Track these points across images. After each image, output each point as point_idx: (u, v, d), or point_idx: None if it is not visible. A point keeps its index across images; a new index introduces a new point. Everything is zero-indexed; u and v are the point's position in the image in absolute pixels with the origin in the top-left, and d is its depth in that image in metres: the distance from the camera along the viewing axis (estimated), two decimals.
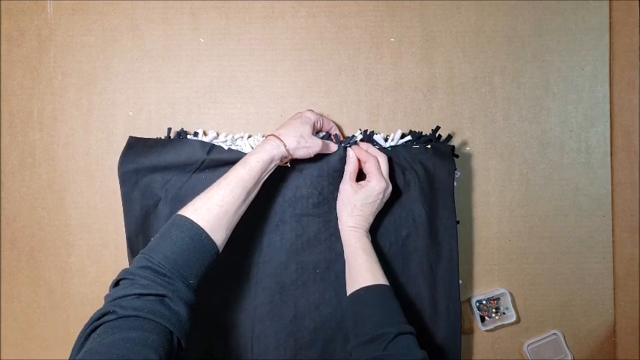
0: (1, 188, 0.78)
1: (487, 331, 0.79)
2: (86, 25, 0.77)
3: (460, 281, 0.74)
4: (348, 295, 0.66)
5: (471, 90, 0.79)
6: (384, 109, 0.79)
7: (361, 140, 0.75)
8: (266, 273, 0.73)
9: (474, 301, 0.78)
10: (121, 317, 0.48)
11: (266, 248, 0.73)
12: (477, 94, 0.79)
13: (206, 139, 0.74)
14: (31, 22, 0.77)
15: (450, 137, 0.76)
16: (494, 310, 0.78)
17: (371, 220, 0.69)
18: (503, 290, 0.79)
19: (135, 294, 0.51)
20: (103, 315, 0.49)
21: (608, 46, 0.79)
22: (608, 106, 0.80)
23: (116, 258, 0.78)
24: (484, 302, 0.78)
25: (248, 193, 0.61)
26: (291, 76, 0.78)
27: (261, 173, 0.63)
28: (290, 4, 0.78)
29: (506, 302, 0.79)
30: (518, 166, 0.80)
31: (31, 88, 0.78)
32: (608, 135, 0.80)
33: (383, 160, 0.70)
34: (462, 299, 0.76)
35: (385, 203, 0.73)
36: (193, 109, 0.78)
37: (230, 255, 0.73)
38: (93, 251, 0.78)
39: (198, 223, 0.56)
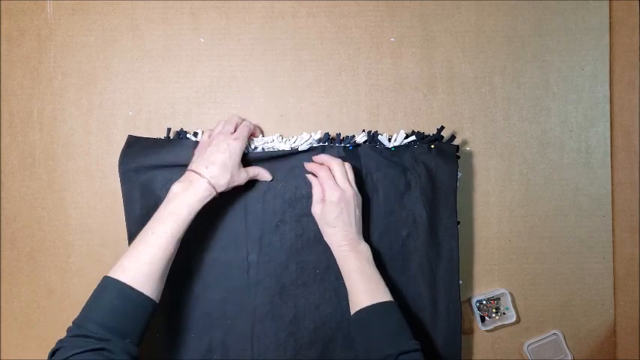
0: (1, 188, 0.78)
1: (487, 331, 0.79)
2: (86, 25, 0.77)
3: (460, 281, 0.74)
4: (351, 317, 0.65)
5: (471, 90, 0.79)
6: (384, 109, 0.79)
7: (364, 142, 0.75)
8: (266, 273, 0.73)
9: (474, 301, 0.78)
10: None
11: (266, 248, 0.73)
12: (477, 94, 0.79)
13: None
14: (31, 22, 0.77)
15: (453, 137, 0.76)
16: (494, 310, 0.78)
17: (351, 230, 0.65)
18: (503, 290, 0.79)
19: (72, 354, 0.50)
20: None
21: (608, 46, 0.79)
22: (608, 106, 0.80)
23: (116, 258, 0.76)
24: (484, 302, 0.78)
25: (178, 241, 0.61)
26: (291, 76, 0.78)
27: (192, 219, 0.62)
28: (290, 4, 0.78)
29: (507, 302, 0.79)
30: (518, 166, 0.80)
31: (31, 88, 0.78)
32: (608, 135, 0.80)
33: (336, 167, 0.67)
34: (462, 299, 0.76)
35: (386, 203, 0.73)
36: (193, 109, 0.78)
37: (230, 255, 0.73)
38: (93, 251, 0.78)
39: (128, 283, 0.56)
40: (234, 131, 0.69)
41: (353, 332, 0.64)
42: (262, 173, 0.71)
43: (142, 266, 0.57)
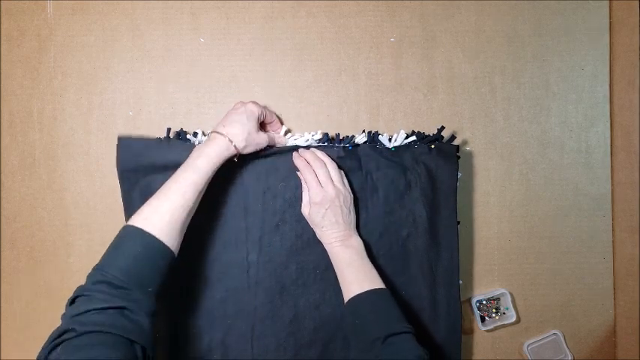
0: (1, 188, 0.78)
1: (487, 331, 0.79)
2: (86, 25, 0.77)
3: (460, 281, 0.74)
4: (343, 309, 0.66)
5: (471, 90, 0.79)
6: (384, 109, 0.79)
7: (364, 142, 0.75)
8: (266, 273, 0.73)
9: (474, 301, 0.78)
10: (81, 334, 0.47)
11: (266, 248, 0.73)
12: (477, 94, 0.79)
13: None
14: (31, 22, 0.77)
15: (453, 137, 0.76)
16: (494, 310, 0.78)
17: (338, 228, 0.67)
18: (503, 290, 0.79)
19: (93, 309, 0.50)
20: (63, 333, 0.48)
21: (608, 46, 0.79)
22: (608, 106, 0.80)
23: None
24: (484, 302, 0.78)
25: (199, 195, 0.62)
26: (291, 76, 0.78)
27: (212, 174, 0.63)
28: (290, 4, 0.78)
29: (507, 302, 0.79)
30: (518, 166, 0.80)
31: (31, 88, 0.78)
32: (608, 135, 0.80)
33: (319, 168, 0.68)
34: (462, 299, 0.76)
35: (386, 203, 0.73)
36: (193, 109, 0.78)
37: (230, 255, 0.73)
38: (93, 251, 0.78)
39: (150, 231, 0.56)
40: None
41: (345, 322, 0.64)
42: (277, 138, 0.73)
43: (163, 215, 0.57)
